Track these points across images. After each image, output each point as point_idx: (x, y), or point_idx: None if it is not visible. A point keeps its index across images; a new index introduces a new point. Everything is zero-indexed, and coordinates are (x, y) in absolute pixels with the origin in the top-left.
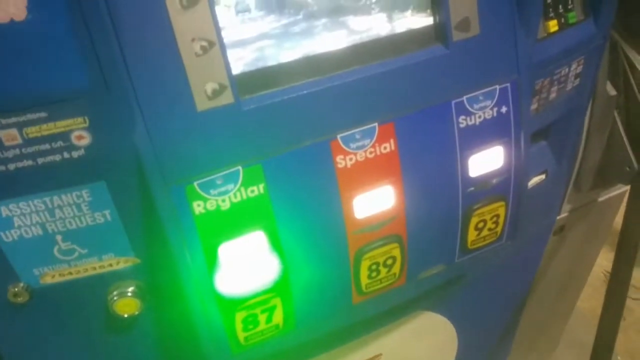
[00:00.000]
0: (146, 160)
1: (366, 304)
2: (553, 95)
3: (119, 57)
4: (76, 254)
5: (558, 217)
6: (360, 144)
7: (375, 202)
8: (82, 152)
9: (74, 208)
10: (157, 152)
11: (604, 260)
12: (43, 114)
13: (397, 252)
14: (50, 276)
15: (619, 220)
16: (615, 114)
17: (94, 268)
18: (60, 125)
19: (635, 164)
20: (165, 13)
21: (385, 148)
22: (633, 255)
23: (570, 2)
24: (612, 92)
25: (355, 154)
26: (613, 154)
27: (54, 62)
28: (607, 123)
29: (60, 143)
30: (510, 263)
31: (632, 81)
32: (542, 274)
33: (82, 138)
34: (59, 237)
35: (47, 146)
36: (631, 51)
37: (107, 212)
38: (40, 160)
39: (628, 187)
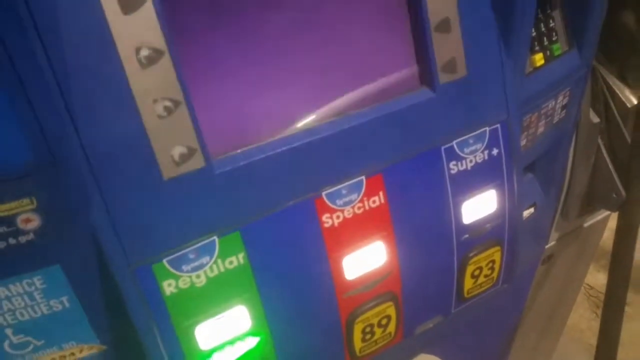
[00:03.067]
0: (105, 239)
1: None
2: (541, 129)
3: (69, 125)
4: (31, 346)
5: (546, 247)
6: (347, 199)
7: (367, 260)
8: (30, 236)
9: (25, 298)
10: (118, 229)
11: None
12: None
13: (392, 311)
14: None
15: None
16: (599, 141)
17: (54, 359)
18: (3, 209)
19: (622, 191)
20: (121, 72)
21: (374, 202)
22: (627, 279)
23: (554, 34)
24: (595, 119)
25: (342, 211)
26: (599, 181)
27: None
28: (592, 150)
29: (3, 228)
30: (500, 299)
31: (613, 106)
32: (532, 302)
33: (29, 221)
34: (9, 331)
35: None
36: (610, 77)
37: (64, 299)
38: None
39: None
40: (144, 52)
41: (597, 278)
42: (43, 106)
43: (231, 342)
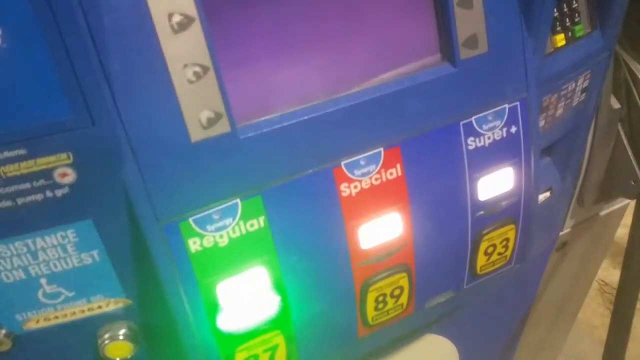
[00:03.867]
0: (137, 196)
1: (372, 336)
2: (560, 111)
3: (105, 87)
4: (62, 297)
5: (561, 233)
6: (365, 170)
7: (382, 231)
8: (66, 190)
9: (58, 249)
10: (148, 187)
11: (600, 270)
12: (22, 151)
13: (405, 282)
14: (35, 321)
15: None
16: (619, 127)
17: (82, 311)
18: (41, 163)
19: None
20: (154, 38)
21: (391, 174)
22: None
23: (577, 15)
24: (616, 105)
25: (360, 181)
26: (617, 167)
27: (32, 93)
28: (611, 137)
29: (42, 182)
30: (512, 282)
31: (635, 92)
32: (544, 290)
33: (65, 175)
34: (43, 281)
35: (27, 185)
36: (633, 62)
37: (94, 253)
38: (20, 201)
39: (629, 201)
40: (176, 18)
41: (613, 275)
42: (83, 69)
43: (249, 302)
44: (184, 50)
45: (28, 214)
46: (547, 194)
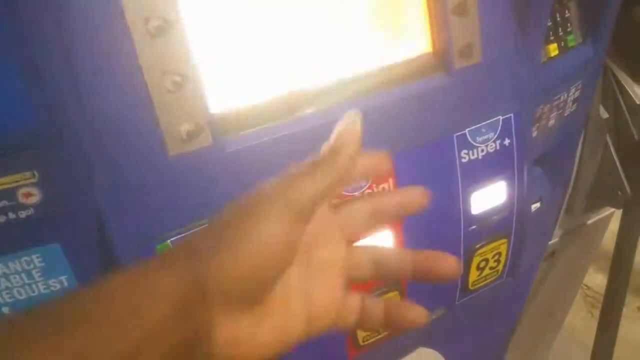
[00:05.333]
0: (109, 217)
1: (363, 357)
2: (552, 122)
3: (75, 99)
4: None
5: (550, 243)
6: (356, 185)
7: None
8: (31, 211)
9: (23, 276)
10: (122, 207)
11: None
12: None
13: (396, 300)
14: None
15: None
16: (607, 137)
17: None
18: (3, 182)
19: (627, 188)
20: (130, 43)
21: (383, 188)
22: (626, 279)
23: (569, 25)
24: (604, 115)
25: (351, 196)
26: (605, 177)
27: None
28: (600, 146)
29: (4, 202)
30: (502, 294)
31: (622, 102)
32: (532, 299)
33: (30, 195)
34: (5, 310)
35: None
36: (620, 73)
37: (63, 279)
38: None
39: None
40: (154, 22)
41: (595, 279)
42: (49, 76)
43: None
44: (162, 57)
45: None
46: (538, 204)
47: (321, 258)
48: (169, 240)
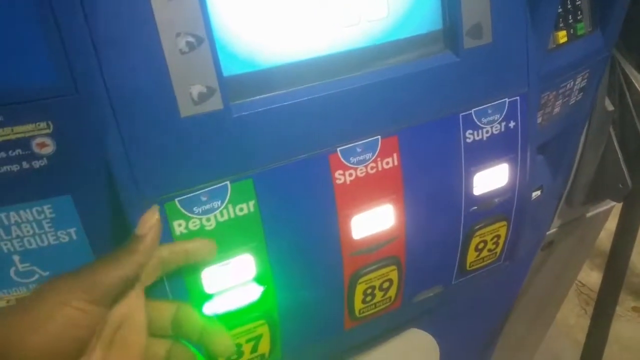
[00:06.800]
0: (119, 173)
1: (358, 329)
2: (557, 109)
3: (91, 53)
4: (36, 276)
5: (548, 232)
6: (361, 158)
7: (375, 221)
8: (44, 162)
9: (34, 225)
10: (132, 163)
11: None
12: None
13: (394, 275)
14: (6, 301)
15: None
16: (611, 130)
17: None
18: (18, 131)
19: (629, 182)
20: (147, 3)
21: (387, 163)
22: (622, 274)
23: (579, 13)
24: (610, 107)
25: (355, 169)
26: (607, 170)
27: (13, 55)
28: (603, 139)
29: (18, 151)
30: (497, 279)
31: (628, 96)
32: (526, 289)
33: (44, 146)
34: (16, 258)
35: (2, 154)
36: (628, 66)
37: (72, 231)
38: None
39: (615, 203)
40: None
41: (590, 276)
42: (69, 32)
43: (235, 289)
44: (177, 18)
45: (2, 185)
46: (538, 192)
47: (123, 340)
48: (176, 200)
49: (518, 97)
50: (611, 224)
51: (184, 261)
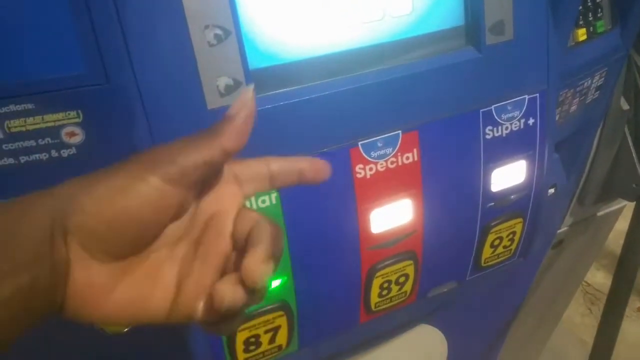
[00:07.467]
0: None
1: (373, 323)
2: (574, 107)
3: (122, 44)
4: None
5: (559, 231)
6: (381, 152)
7: (393, 216)
8: (73, 150)
9: None
10: None
11: None
12: (29, 106)
13: (410, 270)
14: None
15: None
16: (625, 129)
17: None
18: (49, 120)
19: None
20: None
21: (407, 158)
22: (633, 274)
23: (600, 10)
24: (625, 106)
25: (375, 164)
26: (620, 169)
27: (44, 44)
28: (617, 137)
29: (48, 140)
30: (508, 277)
31: None
32: (535, 287)
33: (74, 135)
34: None
35: (32, 143)
36: None
37: None
38: (23, 159)
39: (627, 203)
40: None
41: (596, 276)
42: (101, 22)
43: None
44: (206, 10)
45: (31, 174)
46: (552, 190)
47: (210, 241)
48: None
49: (538, 94)
50: (620, 225)
51: (297, 182)
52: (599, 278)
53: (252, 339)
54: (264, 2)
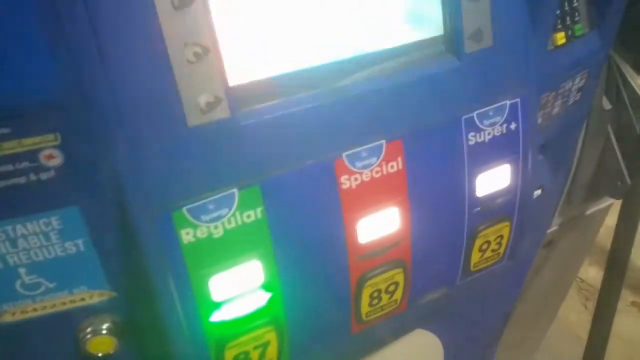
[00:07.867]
0: (127, 183)
1: (364, 332)
2: (556, 109)
3: (99, 64)
4: (42, 288)
5: (548, 231)
6: (366, 162)
7: (381, 225)
8: (51, 173)
9: (40, 237)
10: (140, 173)
11: None
12: (5, 130)
13: (400, 278)
14: (11, 314)
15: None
16: (609, 128)
17: (64, 303)
18: (26, 144)
19: (627, 179)
20: (154, 13)
21: (392, 167)
22: (623, 270)
23: (577, 14)
24: (607, 106)
25: (360, 174)
26: (605, 168)
27: (20, 67)
28: (601, 137)
29: (25, 164)
30: (499, 279)
31: (624, 94)
32: (527, 287)
33: (52, 157)
34: (22, 270)
35: (9, 167)
36: (624, 65)
37: (79, 242)
38: (1, 183)
39: (614, 200)
40: None
41: (589, 272)
42: (76, 43)
43: (243, 296)
44: (184, 28)
45: (9, 198)
46: (539, 191)
47: None
48: (184, 208)
49: (519, 99)
50: (610, 220)
51: None
52: (593, 274)
53: (242, 356)
54: (242, 19)
